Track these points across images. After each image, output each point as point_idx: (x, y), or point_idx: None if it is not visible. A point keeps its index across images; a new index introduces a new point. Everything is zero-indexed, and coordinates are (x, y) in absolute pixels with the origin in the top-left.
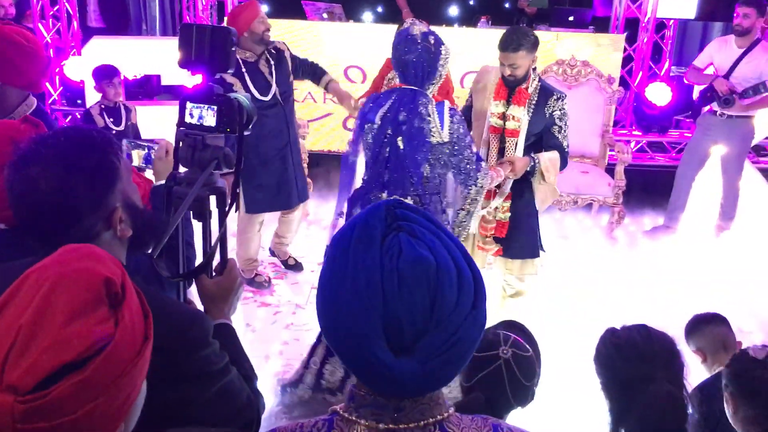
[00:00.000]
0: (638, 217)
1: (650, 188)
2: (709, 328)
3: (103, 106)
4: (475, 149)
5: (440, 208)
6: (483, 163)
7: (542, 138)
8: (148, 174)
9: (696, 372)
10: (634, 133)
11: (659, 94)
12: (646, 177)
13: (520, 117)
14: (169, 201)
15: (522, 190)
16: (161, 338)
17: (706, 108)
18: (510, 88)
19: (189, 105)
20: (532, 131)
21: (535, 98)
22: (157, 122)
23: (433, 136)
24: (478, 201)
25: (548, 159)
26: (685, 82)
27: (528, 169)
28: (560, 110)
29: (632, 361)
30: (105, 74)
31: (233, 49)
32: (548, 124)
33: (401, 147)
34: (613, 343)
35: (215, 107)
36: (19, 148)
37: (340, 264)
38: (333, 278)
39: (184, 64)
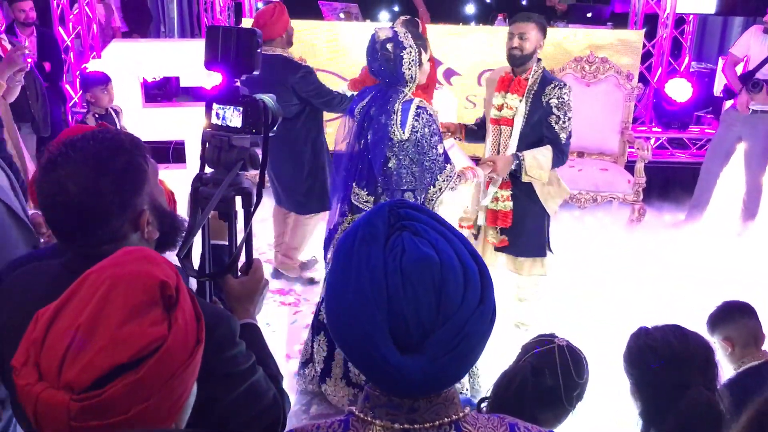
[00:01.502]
0: (659, 215)
1: (671, 185)
2: (743, 319)
3: (96, 115)
4: (441, 150)
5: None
6: (449, 165)
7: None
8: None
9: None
10: (654, 129)
11: (679, 90)
12: (666, 174)
13: (514, 105)
14: (195, 201)
15: (528, 188)
16: None
17: (729, 103)
18: (512, 75)
19: (215, 106)
20: (530, 121)
21: (535, 88)
22: (177, 124)
23: (394, 133)
24: (434, 201)
25: (534, 156)
26: (721, 72)
27: (513, 167)
28: (558, 99)
29: (669, 365)
30: (99, 81)
31: (258, 50)
32: (545, 114)
33: (369, 140)
34: (648, 345)
35: (241, 108)
36: (48, 150)
37: (344, 264)
38: (338, 279)
39: (209, 65)
